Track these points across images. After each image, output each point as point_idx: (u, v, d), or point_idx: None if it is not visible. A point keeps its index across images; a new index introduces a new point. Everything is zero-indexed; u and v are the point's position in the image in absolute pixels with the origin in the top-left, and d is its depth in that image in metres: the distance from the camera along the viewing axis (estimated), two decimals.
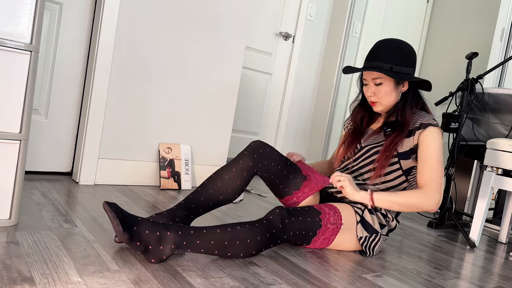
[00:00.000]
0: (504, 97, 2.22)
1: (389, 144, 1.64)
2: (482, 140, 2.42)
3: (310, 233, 1.50)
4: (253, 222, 1.36)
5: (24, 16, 1.28)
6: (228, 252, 1.31)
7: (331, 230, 1.53)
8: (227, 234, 1.30)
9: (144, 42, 2.12)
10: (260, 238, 1.36)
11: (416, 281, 1.42)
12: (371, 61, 1.66)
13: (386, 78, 1.64)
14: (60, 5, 2.00)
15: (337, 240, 1.56)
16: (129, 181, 2.17)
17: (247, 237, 1.33)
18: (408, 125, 1.65)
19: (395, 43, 1.65)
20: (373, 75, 1.65)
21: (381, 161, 1.62)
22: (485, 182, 2.03)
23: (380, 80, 1.64)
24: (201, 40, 2.30)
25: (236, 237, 1.32)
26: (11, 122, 1.29)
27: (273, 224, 1.40)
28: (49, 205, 1.59)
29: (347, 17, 3.48)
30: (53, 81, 2.03)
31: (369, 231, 1.58)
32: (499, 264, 1.81)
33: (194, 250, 1.26)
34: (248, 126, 3.30)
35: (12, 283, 0.95)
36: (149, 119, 2.20)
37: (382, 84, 1.65)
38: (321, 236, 1.52)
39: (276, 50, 3.33)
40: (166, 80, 2.22)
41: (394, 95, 1.67)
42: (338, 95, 3.62)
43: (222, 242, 1.29)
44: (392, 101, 1.67)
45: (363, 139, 1.75)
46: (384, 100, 1.66)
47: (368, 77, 1.67)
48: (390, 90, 1.65)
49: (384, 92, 1.65)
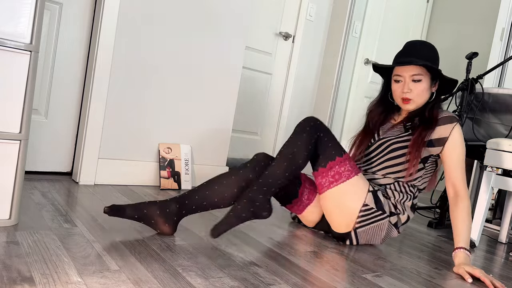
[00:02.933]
0: (504, 97, 2.22)
1: (417, 137, 1.64)
2: (482, 140, 2.42)
3: (332, 151, 1.57)
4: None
5: (24, 16, 1.28)
6: (293, 166, 1.49)
7: (346, 168, 1.57)
8: (279, 159, 1.50)
9: (144, 42, 2.11)
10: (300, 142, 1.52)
11: (416, 281, 1.42)
12: (409, 57, 1.66)
13: (425, 75, 1.64)
14: (60, 5, 2.00)
15: (344, 187, 1.57)
16: (129, 181, 2.17)
17: (292, 147, 1.51)
18: (436, 124, 1.65)
19: (428, 43, 1.70)
20: (412, 71, 1.64)
21: (412, 156, 1.63)
22: (485, 182, 2.03)
23: (419, 76, 1.64)
24: (201, 40, 2.30)
25: (285, 152, 1.51)
26: (11, 122, 1.29)
27: (310, 119, 1.57)
28: (49, 205, 1.59)
29: (347, 17, 3.48)
30: (53, 81, 2.03)
31: (378, 205, 1.60)
32: (499, 264, 1.81)
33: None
34: (248, 126, 3.30)
35: (12, 283, 0.95)
36: (149, 119, 2.20)
37: (421, 81, 1.64)
38: (337, 165, 1.57)
39: (276, 50, 3.33)
40: (166, 80, 2.22)
41: (428, 94, 1.68)
42: (338, 95, 3.62)
43: (281, 165, 1.49)
44: (424, 100, 1.68)
45: (382, 132, 1.76)
46: (419, 97, 1.66)
47: (406, 74, 1.65)
48: (427, 88, 1.67)
49: (422, 89, 1.65)
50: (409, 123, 1.71)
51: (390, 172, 1.68)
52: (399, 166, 1.66)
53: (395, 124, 1.75)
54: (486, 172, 2.04)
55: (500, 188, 2.01)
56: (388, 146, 1.69)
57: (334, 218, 1.63)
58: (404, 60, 1.65)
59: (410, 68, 1.64)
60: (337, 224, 1.64)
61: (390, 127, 1.75)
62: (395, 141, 1.68)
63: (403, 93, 1.66)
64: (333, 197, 1.59)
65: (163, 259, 1.23)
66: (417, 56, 1.64)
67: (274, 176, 1.48)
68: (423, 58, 1.63)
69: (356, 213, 1.59)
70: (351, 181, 1.57)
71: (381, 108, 1.80)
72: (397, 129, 1.73)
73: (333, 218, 1.63)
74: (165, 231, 1.44)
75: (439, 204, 2.40)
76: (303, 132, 1.53)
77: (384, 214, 1.61)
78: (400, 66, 1.65)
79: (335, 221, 1.64)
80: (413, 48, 1.67)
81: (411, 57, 1.65)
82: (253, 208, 1.43)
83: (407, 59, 1.65)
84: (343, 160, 1.58)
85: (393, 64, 1.69)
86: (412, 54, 1.65)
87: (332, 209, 1.62)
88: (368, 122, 1.82)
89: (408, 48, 1.68)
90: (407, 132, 1.69)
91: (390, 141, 1.69)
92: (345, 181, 1.56)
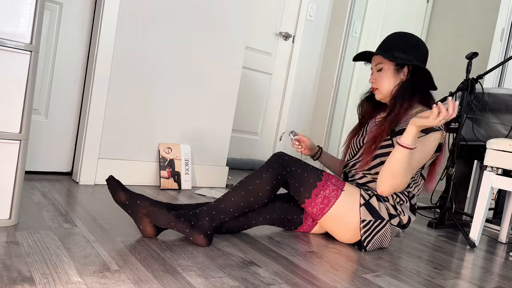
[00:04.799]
0: (504, 97, 2.22)
1: (375, 133, 1.65)
2: (482, 140, 2.42)
3: (311, 180, 1.56)
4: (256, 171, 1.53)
5: (24, 16, 1.28)
6: (251, 198, 1.45)
7: (331, 189, 1.56)
8: (238, 188, 1.46)
9: (144, 42, 2.11)
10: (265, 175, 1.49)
11: (416, 281, 1.42)
12: (378, 49, 1.73)
13: (386, 63, 1.68)
14: (60, 5, 2.00)
15: (337, 207, 1.56)
16: (129, 181, 2.17)
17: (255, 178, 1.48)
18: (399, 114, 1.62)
19: (401, 33, 1.72)
20: (375, 61, 1.71)
21: (366, 152, 1.64)
22: (485, 182, 2.03)
23: (380, 65, 1.69)
24: (201, 40, 2.30)
25: (246, 183, 1.47)
26: (11, 122, 1.29)
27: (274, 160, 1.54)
28: (49, 205, 1.59)
29: (347, 17, 3.48)
30: (53, 81, 2.03)
31: (375, 216, 1.58)
32: (499, 264, 1.81)
33: (226, 215, 1.43)
34: (248, 126, 3.30)
35: (12, 283, 0.95)
36: (149, 119, 2.20)
37: (382, 69, 1.69)
38: (321, 190, 1.55)
39: (276, 50, 3.33)
40: (166, 80, 2.22)
41: (393, 81, 1.68)
42: (338, 95, 3.62)
43: (239, 194, 1.45)
44: (389, 88, 1.69)
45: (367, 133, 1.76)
46: (382, 86, 1.69)
47: (372, 64, 1.73)
48: (389, 76, 1.68)
49: (383, 77, 1.68)
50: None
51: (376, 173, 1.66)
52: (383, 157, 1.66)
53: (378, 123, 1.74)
54: (486, 172, 2.04)
55: (500, 188, 2.01)
56: None
57: (340, 235, 1.64)
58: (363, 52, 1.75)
59: (374, 58, 1.73)
60: (344, 239, 1.65)
61: (372, 127, 1.76)
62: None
63: (371, 83, 1.74)
64: (331, 219, 1.60)
65: (163, 259, 1.23)
66: (382, 47, 1.70)
67: (228, 203, 1.44)
68: (391, 48, 1.67)
69: (357, 226, 1.59)
70: (340, 199, 1.56)
71: (370, 101, 1.83)
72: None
73: (338, 235, 1.65)
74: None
75: (439, 204, 2.39)
76: (269, 167, 1.51)
77: (383, 221, 1.60)
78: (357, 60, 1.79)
79: (341, 237, 1.65)
80: (384, 39, 1.73)
81: (379, 49, 1.71)
82: (193, 222, 1.37)
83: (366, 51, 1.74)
84: (324, 182, 1.57)
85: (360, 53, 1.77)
86: (382, 44, 1.72)
87: (334, 228, 1.63)
88: (361, 116, 1.85)
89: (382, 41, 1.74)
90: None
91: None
92: (335, 202, 1.56)
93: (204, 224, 1.38)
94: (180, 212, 1.37)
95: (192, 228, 1.36)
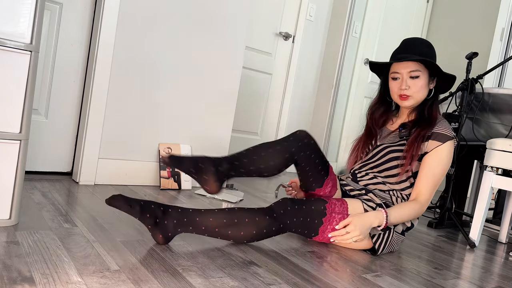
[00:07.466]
0: (504, 97, 2.22)
1: (415, 137, 1.61)
2: (482, 140, 2.42)
3: (315, 220, 1.49)
4: (252, 208, 1.41)
5: (24, 16, 1.28)
6: (229, 230, 1.35)
7: (337, 220, 1.51)
8: (225, 213, 1.37)
9: (144, 42, 2.12)
10: (258, 219, 1.38)
11: (416, 281, 1.42)
12: (406, 53, 1.63)
13: (423, 71, 1.63)
14: (60, 5, 2.00)
15: None
16: (129, 181, 2.17)
17: (245, 216, 1.37)
18: (435, 122, 1.63)
19: (425, 41, 1.68)
20: (410, 67, 1.62)
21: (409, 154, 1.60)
22: (485, 182, 2.03)
23: (417, 73, 1.62)
24: (201, 40, 2.30)
25: (235, 215, 1.36)
26: (11, 122, 1.29)
27: (273, 209, 1.43)
28: (49, 205, 1.59)
29: (347, 17, 3.48)
30: (53, 81, 2.03)
31: (382, 228, 1.57)
32: (499, 264, 1.81)
33: (196, 230, 1.33)
34: (248, 126, 3.30)
35: (12, 283, 0.95)
36: (149, 119, 2.20)
37: (419, 77, 1.62)
38: (328, 225, 1.51)
39: (276, 50, 3.34)
40: (165, 80, 2.22)
41: (426, 91, 1.66)
42: (338, 95, 3.62)
43: (220, 220, 1.35)
44: (423, 97, 1.66)
45: (379, 138, 1.74)
46: (417, 94, 1.64)
47: (404, 70, 1.63)
48: (425, 85, 1.64)
49: (420, 86, 1.63)
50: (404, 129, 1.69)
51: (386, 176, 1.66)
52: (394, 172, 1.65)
53: (392, 131, 1.74)
54: (486, 172, 2.04)
55: (500, 188, 2.01)
56: (386, 154, 1.67)
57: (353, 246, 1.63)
58: (401, 56, 1.64)
59: (408, 64, 1.62)
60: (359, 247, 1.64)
61: (387, 134, 1.74)
62: (394, 149, 1.67)
63: (401, 90, 1.64)
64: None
65: (163, 259, 1.23)
66: (414, 52, 1.62)
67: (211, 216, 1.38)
68: (420, 55, 1.62)
69: (369, 244, 1.60)
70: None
71: (382, 109, 1.79)
72: (393, 136, 1.72)
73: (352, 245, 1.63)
74: (213, 189, 1.39)
75: (439, 204, 2.40)
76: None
77: (389, 229, 1.60)
78: (398, 62, 1.63)
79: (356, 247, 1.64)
80: (410, 44, 1.66)
81: (408, 54, 1.63)
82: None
83: (405, 55, 1.63)
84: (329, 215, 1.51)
85: (390, 61, 1.68)
86: (409, 50, 1.63)
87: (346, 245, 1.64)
88: (370, 123, 1.79)
89: (405, 45, 1.67)
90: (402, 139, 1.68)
91: (388, 149, 1.68)
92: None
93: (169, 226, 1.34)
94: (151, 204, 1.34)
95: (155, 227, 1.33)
